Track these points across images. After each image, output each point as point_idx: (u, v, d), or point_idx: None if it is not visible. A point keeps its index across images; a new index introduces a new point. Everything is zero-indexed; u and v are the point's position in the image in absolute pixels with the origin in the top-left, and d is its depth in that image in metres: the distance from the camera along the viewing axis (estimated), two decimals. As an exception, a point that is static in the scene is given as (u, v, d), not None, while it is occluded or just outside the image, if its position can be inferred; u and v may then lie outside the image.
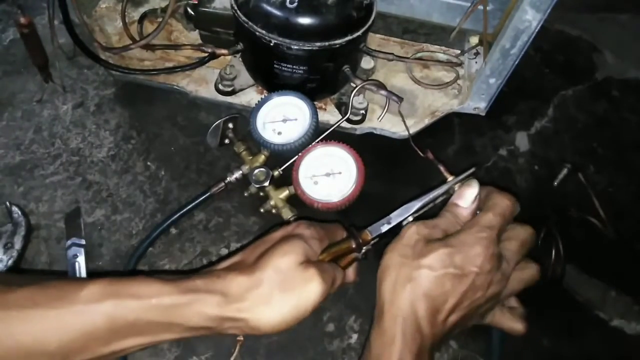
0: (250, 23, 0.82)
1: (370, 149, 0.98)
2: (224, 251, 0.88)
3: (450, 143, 1.04)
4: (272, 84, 0.95)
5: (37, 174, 0.93)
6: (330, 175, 0.86)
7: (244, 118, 0.94)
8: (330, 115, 1.01)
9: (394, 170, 0.99)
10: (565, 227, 0.92)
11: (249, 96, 1.02)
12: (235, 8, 0.84)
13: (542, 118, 1.10)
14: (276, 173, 0.88)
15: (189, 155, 0.97)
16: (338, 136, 0.93)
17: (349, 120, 0.99)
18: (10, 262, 0.82)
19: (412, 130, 1.00)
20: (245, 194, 0.89)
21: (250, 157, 0.90)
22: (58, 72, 0.99)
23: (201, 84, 1.03)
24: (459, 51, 1.10)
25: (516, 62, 0.90)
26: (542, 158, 1.05)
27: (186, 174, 0.95)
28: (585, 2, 1.30)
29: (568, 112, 1.12)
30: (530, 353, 0.83)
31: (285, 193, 0.87)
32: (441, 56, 1.08)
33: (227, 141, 0.95)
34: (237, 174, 0.88)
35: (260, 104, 0.90)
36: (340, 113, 1.01)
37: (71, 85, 1.03)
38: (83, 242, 0.85)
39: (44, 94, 0.99)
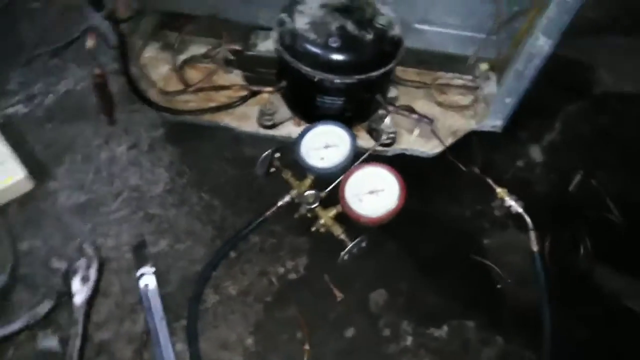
0: (296, 62, 0.93)
1: (402, 169, 1.07)
2: (281, 270, 0.96)
3: (472, 158, 1.14)
4: (312, 115, 1.04)
5: (102, 211, 1.01)
6: (374, 193, 0.94)
7: (288, 149, 1.03)
8: (362, 141, 1.11)
9: (426, 185, 1.08)
10: (588, 226, 1.01)
11: (288, 129, 1.12)
12: (282, 50, 0.94)
13: (552, 132, 1.21)
14: (323, 194, 0.96)
15: (239, 185, 1.06)
16: (372, 158, 1.02)
17: (380, 144, 1.09)
18: (88, 293, 0.88)
19: (437, 150, 1.11)
20: (295, 216, 0.97)
21: (298, 182, 0.99)
22: (122, 122, 1.09)
23: (243, 120, 1.13)
24: (470, 77, 1.22)
25: (528, 84, 1.01)
26: (555, 167, 1.15)
27: (238, 202, 1.03)
28: (578, 27, 1.43)
29: (574, 125, 1.23)
30: (569, 344, 0.91)
31: (333, 212, 0.95)
32: (458, 81, 1.19)
33: (272, 170, 1.04)
34: (287, 198, 0.97)
35: (303, 133, 1.00)
36: (372, 138, 1.11)
37: (124, 129, 1.12)
38: (153, 269, 0.92)
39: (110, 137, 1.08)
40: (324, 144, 1.00)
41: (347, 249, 0.90)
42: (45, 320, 0.85)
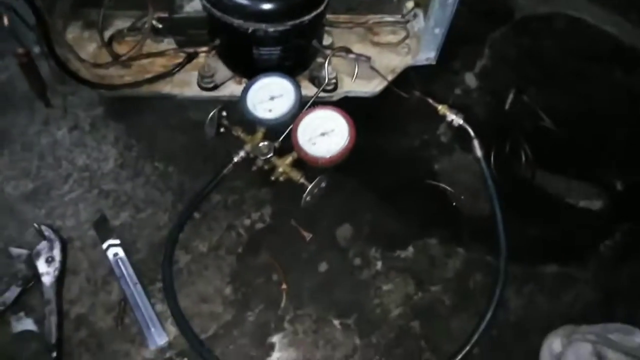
0: (227, 17, 0.93)
1: (348, 110, 1.11)
2: (247, 221, 0.98)
3: (412, 91, 1.19)
4: (252, 70, 1.05)
5: (54, 195, 0.98)
6: (326, 134, 0.98)
7: (234, 107, 1.04)
8: (306, 90, 1.13)
9: (373, 123, 1.12)
10: (526, 136, 1.09)
11: (230, 88, 1.12)
12: (210, 7, 0.94)
13: (482, 58, 1.28)
14: (277, 144, 0.98)
15: (191, 149, 1.06)
16: (319, 104, 1.05)
17: (324, 90, 1.11)
18: (56, 273, 0.87)
19: (379, 88, 1.15)
20: (253, 169, 0.99)
21: (250, 136, 1.00)
22: (60, 95, 1.05)
23: (183, 87, 1.12)
24: (399, 16, 1.26)
25: (454, 10, 1.06)
26: (490, 90, 1.22)
27: (193, 166, 1.04)
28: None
29: (500, 49, 1.31)
30: (523, 243, 0.99)
31: (289, 159, 0.98)
32: (389, 19, 1.23)
33: (222, 130, 1.04)
34: (242, 153, 0.98)
35: (247, 88, 1.01)
36: (315, 85, 1.13)
37: (61, 113, 1.09)
38: (118, 241, 0.92)
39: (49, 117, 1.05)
40: (269, 96, 1.01)
41: (307, 190, 0.93)
42: (16, 306, 0.83)
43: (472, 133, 0.94)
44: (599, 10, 1.41)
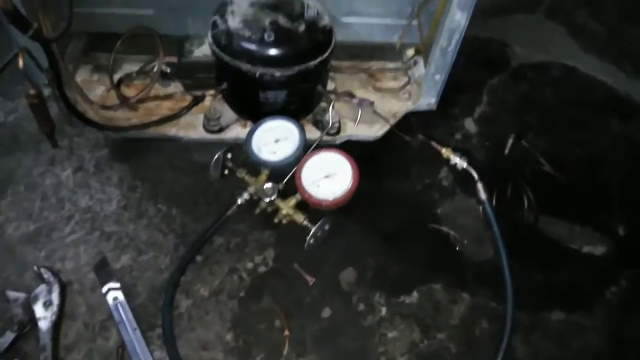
0: (235, 61, 0.96)
1: (351, 153, 1.12)
2: (250, 265, 0.97)
3: (413, 136, 1.21)
4: (257, 113, 1.07)
5: (55, 237, 0.97)
6: (330, 177, 0.98)
7: (239, 149, 1.05)
8: (310, 133, 1.14)
9: (375, 166, 1.13)
10: (527, 181, 1.10)
11: (235, 131, 1.14)
12: (218, 52, 0.97)
13: (480, 104, 1.31)
14: (281, 186, 0.98)
15: (195, 191, 1.06)
16: (322, 147, 1.06)
17: (327, 133, 1.13)
18: (53, 317, 0.85)
19: (381, 132, 1.16)
20: (257, 212, 0.99)
21: (254, 178, 1.00)
22: (67, 136, 1.07)
23: (189, 129, 1.13)
24: (400, 63, 1.29)
25: (454, 58, 1.09)
26: (489, 135, 1.24)
27: (197, 208, 1.03)
28: (486, 9, 1.56)
29: (498, 96, 1.34)
30: (528, 288, 0.98)
31: (293, 201, 0.98)
32: (390, 65, 1.26)
33: (227, 171, 1.05)
34: (246, 195, 0.98)
35: (252, 131, 1.02)
36: (318, 129, 1.15)
37: (66, 154, 1.09)
38: (118, 285, 0.90)
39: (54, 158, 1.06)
40: (274, 139, 1.02)
41: (311, 233, 0.92)
42: (10, 352, 0.81)
43: (476, 176, 0.95)
44: (593, 60, 1.46)
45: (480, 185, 0.94)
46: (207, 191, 1.06)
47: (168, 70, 1.15)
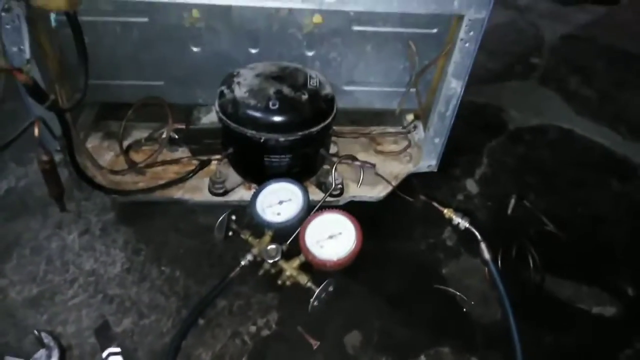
0: (241, 128, 1.00)
1: (354, 215, 1.13)
2: (253, 328, 0.95)
3: (415, 198, 1.23)
4: (262, 176, 1.10)
5: (58, 300, 0.97)
6: (333, 237, 0.99)
7: (243, 211, 1.07)
8: (313, 195, 1.17)
9: (379, 228, 1.14)
10: (532, 241, 1.10)
11: (240, 194, 1.16)
12: (225, 119, 1.01)
13: (481, 166, 1.34)
14: (285, 247, 0.99)
15: (198, 254, 1.06)
16: (326, 208, 1.08)
17: (330, 195, 1.15)
18: (51, 384, 0.83)
19: (383, 193, 1.18)
20: (260, 273, 0.99)
21: (258, 240, 1.01)
22: (75, 200, 1.10)
23: (195, 192, 1.15)
24: (400, 127, 1.34)
25: (452, 123, 1.14)
26: (490, 195, 1.26)
27: (200, 271, 1.03)
28: (481, 77, 1.64)
29: (498, 157, 1.37)
30: (538, 351, 0.95)
31: (297, 262, 0.98)
32: (391, 130, 1.30)
33: (231, 233, 1.06)
34: (249, 257, 0.99)
35: (257, 193, 1.04)
36: (322, 191, 1.17)
37: (74, 218, 1.11)
38: (119, 349, 0.89)
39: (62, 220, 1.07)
40: (278, 200, 1.04)
41: (315, 294, 0.92)
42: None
43: (479, 236, 0.96)
44: (588, 123, 1.50)
45: (483, 245, 0.94)
46: (211, 253, 1.07)
47: (176, 136, 1.20)
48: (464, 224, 0.98)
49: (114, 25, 1.10)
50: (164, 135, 1.18)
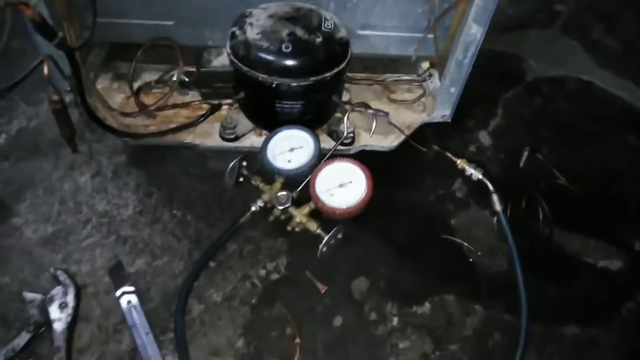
0: (253, 71, 0.97)
1: (366, 164, 1.12)
2: (262, 272, 0.97)
3: (429, 148, 1.21)
4: (273, 123, 1.09)
5: (72, 240, 0.99)
6: (343, 186, 0.99)
7: (254, 158, 1.07)
8: (324, 143, 1.15)
9: (390, 177, 1.14)
10: (542, 194, 1.09)
11: (251, 140, 1.15)
12: (236, 62, 0.99)
13: (495, 117, 1.31)
14: (295, 194, 0.99)
15: (209, 198, 1.07)
16: (337, 157, 1.07)
17: (342, 143, 1.14)
18: (68, 319, 0.86)
19: (395, 143, 1.17)
20: (270, 219, 0.99)
21: (268, 186, 1.01)
22: (86, 142, 1.11)
23: (206, 137, 1.15)
24: (415, 75, 1.30)
25: (469, 71, 1.10)
26: (504, 148, 1.24)
27: (211, 215, 1.04)
28: (501, 24, 1.57)
29: (513, 109, 1.34)
30: (542, 303, 0.96)
31: (307, 209, 0.98)
32: (405, 78, 1.27)
33: (241, 179, 1.06)
34: (260, 202, 0.99)
35: (268, 139, 1.03)
36: (333, 139, 1.16)
37: (85, 160, 1.12)
38: (133, 288, 0.91)
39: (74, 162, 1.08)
40: (289, 147, 1.04)
41: (324, 241, 0.93)
42: (25, 352, 0.82)
43: (491, 187, 0.95)
44: (609, 75, 1.45)
45: (495, 197, 0.94)
46: (222, 198, 1.07)
47: (186, 79, 1.18)
48: (477, 174, 0.97)
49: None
50: (174, 78, 1.16)
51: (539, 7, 1.67)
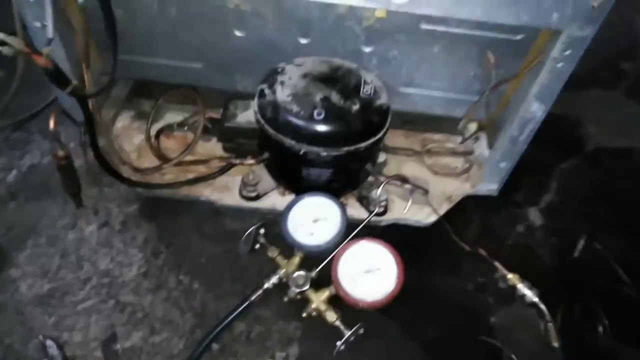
0: (279, 135, 0.87)
1: (396, 240, 1.00)
2: (270, 362, 0.86)
3: (469, 225, 1.08)
4: (298, 187, 0.98)
5: (67, 301, 0.91)
6: (370, 272, 0.87)
7: (273, 223, 0.96)
8: (352, 210, 1.05)
9: (423, 258, 1.01)
10: (600, 298, 0.94)
11: (272, 199, 1.05)
12: (263, 122, 0.89)
13: (548, 192, 1.17)
14: (314, 274, 0.88)
15: (221, 264, 0.98)
16: (365, 229, 0.96)
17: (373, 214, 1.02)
18: (50, 401, 0.77)
19: (432, 219, 1.04)
20: (285, 300, 0.89)
21: (286, 261, 0.90)
22: (92, 197, 1.03)
23: (224, 192, 1.05)
24: (459, 137, 1.18)
25: (524, 149, 0.97)
26: (556, 230, 1.10)
27: (221, 284, 0.95)
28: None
29: (569, 183, 1.19)
30: None
31: (326, 294, 0.87)
32: (449, 145, 1.15)
33: (257, 246, 0.96)
34: (274, 279, 0.88)
35: (289, 207, 0.93)
36: (363, 206, 1.04)
37: (93, 205, 1.04)
38: (124, 369, 0.82)
39: (77, 219, 1.00)
40: (312, 218, 0.92)
41: (344, 339, 0.81)
42: None
43: (547, 316, 0.81)
44: (684, 151, 1.29)
45: (552, 328, 0.80)
46: (235, 265, 0.98)
47: (209, 126, 1.09)
48: (531, 297, 0.83)
49: (150, 0, 0.97)
50: (197, 126, 1.07)
51: (602, 64, 1.51)
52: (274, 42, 1.00)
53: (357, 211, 1.04)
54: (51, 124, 0.79)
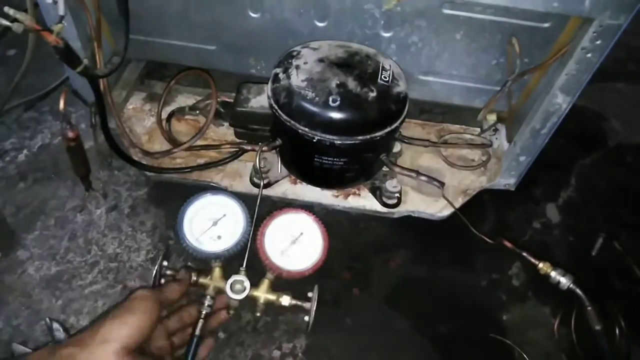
0: (292, 122, 0.84)
1: (408, 232, 0.98)
2: (277, 353, 0.85)
3: (484, 220, 1.05)
4: (309, 176, 0.96)
5: (75, 285, 0.90)
6: (297, 241, 0.84)
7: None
8: (365, 200, 1.02)
9: (436, 252, 0.99)
10: (618, 301, 0.91)
11: (284, 187, 1.03)
12: (276, 108, 0.86)
13: (567, 188, 1.13)
14: (243, 272, 0.80)
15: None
16: (376, 220, 0.93)
17: (385, 205, 1.00)
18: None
19: (446, 212, 1.01)
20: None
21: (208, 277, 0.81)
22: (101, 180, 1.02)
23: (235, 178, 1.04)
24: (478, 129, 1.14)
25: (545, 142, 0.93)
26: (574, 228, 1.06)
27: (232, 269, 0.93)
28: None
29: (590, 180, 1.15)
30: None
31: (266, 284, 0.81)
32: (467, 137, 1.11)
33: (162, 280, 0.82)
34: (208, 302, 0.79)
35: (179, 223, 0.83)
36: (375, 197, 1.02)
37: (103, 188, 1.03)
38: (130, 355, 0.81)
39: (85, 202, 0.99)
40: (210, 222, 0.85)
41: (312, 314, 0.78)
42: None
43: (586, 301, 0.78)
44: None
45: (591, 311, 0.77)
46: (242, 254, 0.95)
47: (222, 109, 1.07)
48: (566, 284, 0.80)
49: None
50: (209, 110, 1.04)
51: (630, 56, 1.46)
52: (290, 24, 0.97)
53: (369, 202, 1.02)
54: (61, 104, 0.77)
